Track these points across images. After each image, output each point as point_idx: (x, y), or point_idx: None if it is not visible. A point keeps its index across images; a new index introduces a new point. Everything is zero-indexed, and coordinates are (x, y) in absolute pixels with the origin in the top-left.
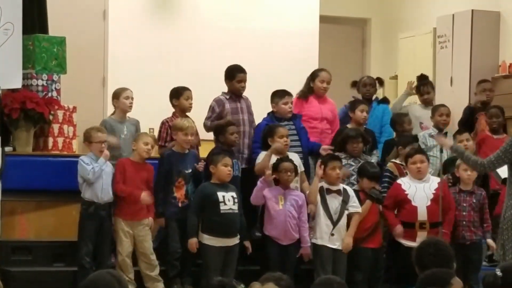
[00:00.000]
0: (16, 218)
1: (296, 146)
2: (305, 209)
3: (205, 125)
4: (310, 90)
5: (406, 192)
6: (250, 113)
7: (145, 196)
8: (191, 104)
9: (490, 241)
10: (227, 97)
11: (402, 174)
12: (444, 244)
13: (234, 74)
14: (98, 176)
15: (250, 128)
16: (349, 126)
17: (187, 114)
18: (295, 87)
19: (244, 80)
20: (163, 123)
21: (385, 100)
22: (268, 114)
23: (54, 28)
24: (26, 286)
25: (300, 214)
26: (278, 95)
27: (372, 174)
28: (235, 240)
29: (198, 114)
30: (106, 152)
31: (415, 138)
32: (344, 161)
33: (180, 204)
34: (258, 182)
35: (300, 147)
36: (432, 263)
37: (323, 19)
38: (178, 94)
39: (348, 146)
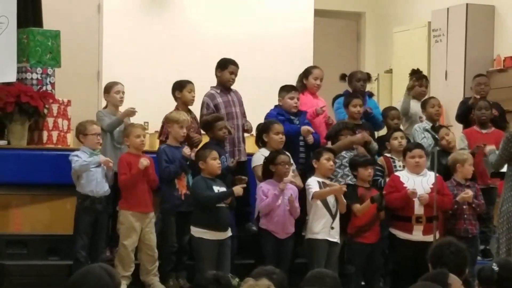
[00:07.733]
0: (11, 211)
1: (301, 140)
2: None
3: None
4: (303, 86)
5: (405, 185)
6: (241, 105)
7: (143, 161)
8: (193, 97)
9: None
10: (218, 90)
11: (391, 168)
12: (462, 245)
13: (227, 65)
14: (84, 170)
15: (243, 120)
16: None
17: (189, 107)
18: (290, 81)
19: (235, 73)
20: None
21: (372, 94)
22: (276, 106)
23: (49, 21)
24: (21, 280)
25: None
26: (286, 89)
27: (364, 162)
28: (228, 233)
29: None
30: (102, 157)
31: (396, 130)
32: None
33: (182, 197)
34: (275, 192)
35: (303, 141)
36: (451, 262)
37: (318, 13)
38: (181, 87)
39: (341, 138)
